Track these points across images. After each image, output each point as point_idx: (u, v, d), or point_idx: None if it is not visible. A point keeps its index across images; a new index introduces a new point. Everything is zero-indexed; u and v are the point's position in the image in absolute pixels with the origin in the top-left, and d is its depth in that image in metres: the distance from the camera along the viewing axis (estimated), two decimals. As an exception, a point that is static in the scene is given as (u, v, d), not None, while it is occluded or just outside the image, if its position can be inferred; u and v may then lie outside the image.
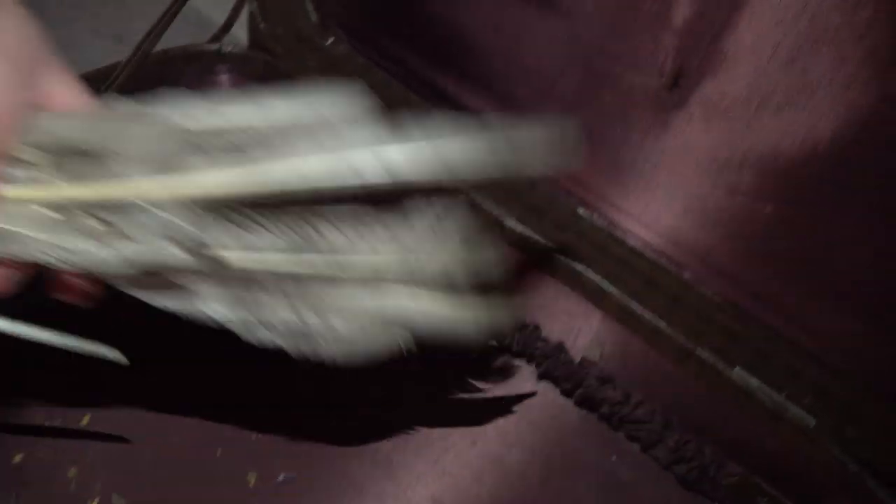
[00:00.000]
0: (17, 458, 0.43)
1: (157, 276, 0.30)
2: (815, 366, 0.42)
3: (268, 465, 0.43)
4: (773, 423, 0.43)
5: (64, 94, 0.31)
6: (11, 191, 0.30)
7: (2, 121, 0.29)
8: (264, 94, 0.29)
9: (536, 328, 0.50)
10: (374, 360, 0.32)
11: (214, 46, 0.52)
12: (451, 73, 0.49)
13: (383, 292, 0.32)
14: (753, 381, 0.43)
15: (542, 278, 0.49)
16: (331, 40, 0.52)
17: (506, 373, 0.49)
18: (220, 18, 0.57)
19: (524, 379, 0.50)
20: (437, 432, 0.46)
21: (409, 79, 0.51)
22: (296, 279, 0.31)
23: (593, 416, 0.48)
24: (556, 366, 0.49)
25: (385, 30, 0.51)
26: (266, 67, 0.52)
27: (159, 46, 0.51)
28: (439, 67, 0.50)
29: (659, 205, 0.44)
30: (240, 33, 0.57)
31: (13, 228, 0.29)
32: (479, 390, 0.48)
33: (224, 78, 0.53)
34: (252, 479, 0.43)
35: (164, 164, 0.29)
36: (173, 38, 0.52)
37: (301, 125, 0.28)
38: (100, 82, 0.47)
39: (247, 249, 0.30)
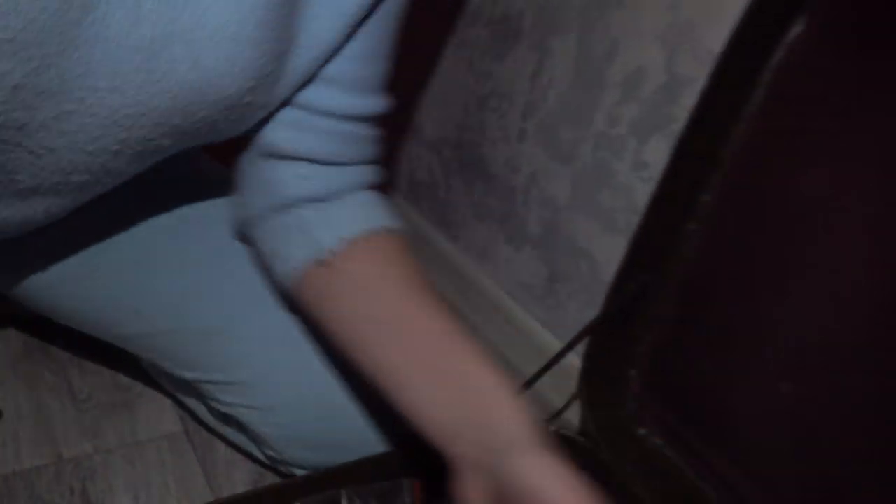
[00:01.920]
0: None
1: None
2: None
3: None
4: None
5: None
6: None
7: None
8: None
9: None
10: None
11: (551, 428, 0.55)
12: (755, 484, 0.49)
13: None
14: None
15: None
16: (643, 432, 0.56)
17: None
18: (558, 402, 0.68)
19: None
20: None
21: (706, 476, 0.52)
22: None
23: None
24: None
25: (694, 427, 0.53)
26: (586, 453, 0.54)
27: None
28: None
29: None
30: (573, 418, 0.64)
31: None
32: None
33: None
34: None
35: None
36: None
37: None
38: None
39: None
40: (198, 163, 0.64)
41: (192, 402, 0.63)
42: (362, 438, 0.54)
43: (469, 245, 0.87)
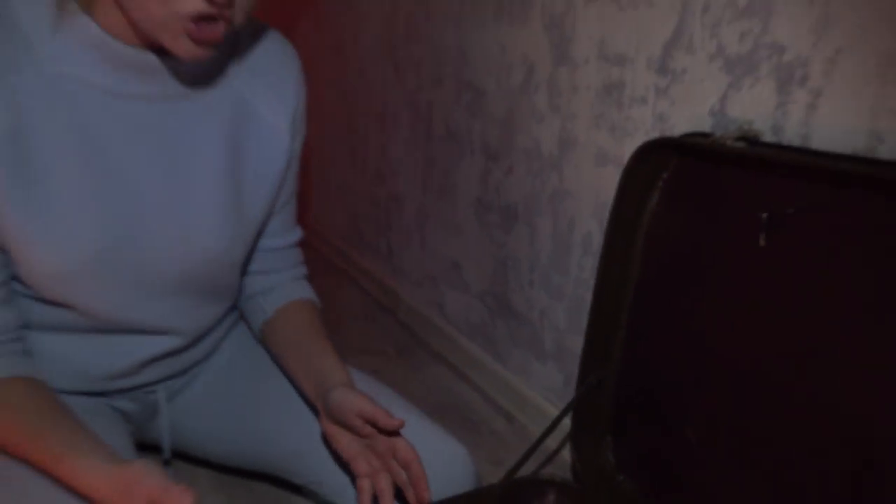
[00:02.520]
0: None
1: None
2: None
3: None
4: None
5: None
6: None
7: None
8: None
9: None
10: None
11: (547, 477, 0.83)
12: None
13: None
14: None
15: None
16: (621, 479, 0.83)
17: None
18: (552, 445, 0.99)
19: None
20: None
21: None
22: None
23: None
24: None
25: (657, 473, 0.80)
26: (576, 494, 0.80)
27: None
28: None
29: None
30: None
31: None
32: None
33: (551, 498, 0.81)
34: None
35: None
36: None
37: None
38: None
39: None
40: None
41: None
42: None
43: (511, 364, 1.17)
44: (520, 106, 1.05)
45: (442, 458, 0.78)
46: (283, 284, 0.88)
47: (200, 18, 0.58)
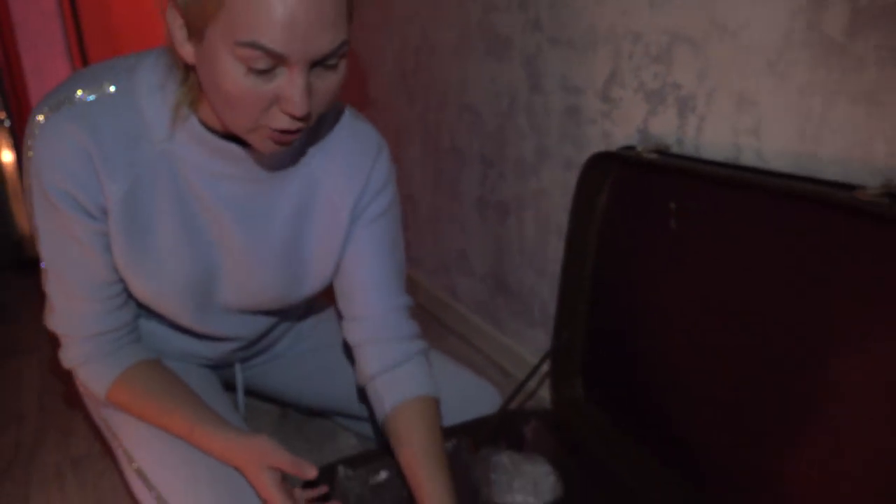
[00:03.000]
0: None
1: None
2: None
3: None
4: None
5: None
6: None
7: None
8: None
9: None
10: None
11: (531, 409, 1.10)
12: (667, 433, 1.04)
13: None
14: None
15: None
16: (590, 406, 1.08)
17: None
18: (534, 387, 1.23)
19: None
20: None
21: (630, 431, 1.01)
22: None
23: None
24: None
25: (619, 403, 1.04)
26: (555, 421, 1.07)
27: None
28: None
29: None
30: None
31: None
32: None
33: (534, 424, 1.06)
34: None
35: None
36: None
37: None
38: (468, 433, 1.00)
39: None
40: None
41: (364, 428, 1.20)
42: None
43: (509, 331, 1.44)
44: (507, 125, 1.32)
45: (479, 393, 1.08)
46: (400, 369, 0.92)
47: (282, 130, 0.70)
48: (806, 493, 0.74)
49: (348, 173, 0.88)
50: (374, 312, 0.93)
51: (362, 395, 1.06)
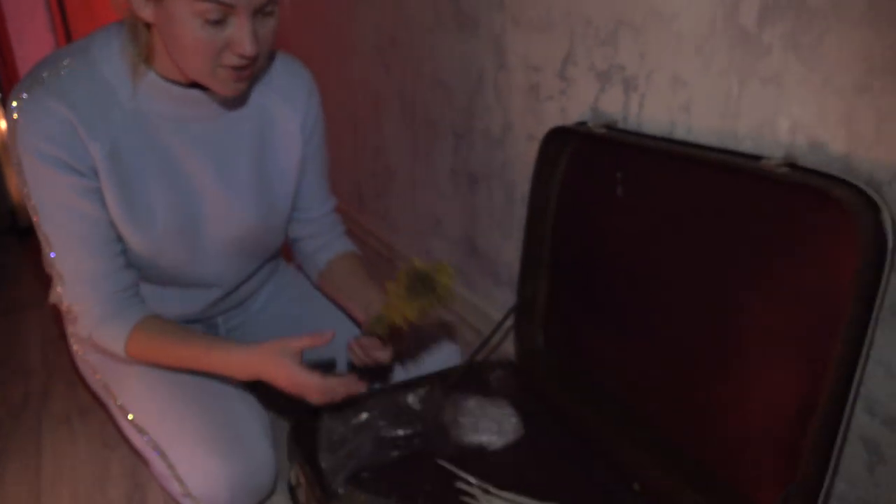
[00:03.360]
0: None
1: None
2: None
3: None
4: None
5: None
6: None
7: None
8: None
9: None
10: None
11: (495, 359, 1.23)
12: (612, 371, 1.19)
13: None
14: None
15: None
16: (550, 355, 1.20)
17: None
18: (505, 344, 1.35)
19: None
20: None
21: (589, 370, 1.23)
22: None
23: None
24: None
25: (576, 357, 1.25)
26: (517, 369, 1.22)
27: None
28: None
29: None
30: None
31: None
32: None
33: (499, 373, 1.21)
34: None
35: None
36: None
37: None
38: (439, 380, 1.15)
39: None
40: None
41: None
42: None
43: (479, 291, 1.56)
44: (476, 99, 1.42)
45: (442, 351, 1.20)
46: (330, 243, 1.19)
47: (236, 67, 0.86)
48: (730, 418, 0.87)
49: (292, 103, 1.06)
50: (314, 215, 1.17)
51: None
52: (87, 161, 0.89)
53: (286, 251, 1.29)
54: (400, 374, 1.20)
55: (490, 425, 1.14)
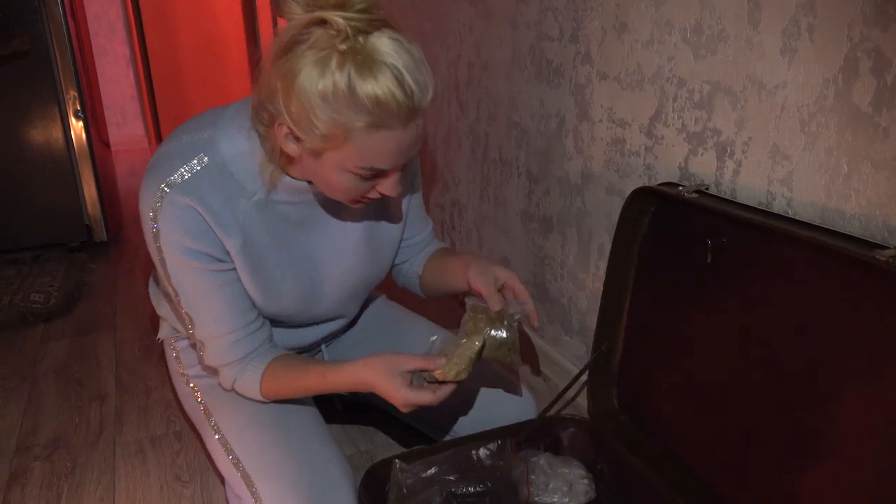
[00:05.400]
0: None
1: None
2: None
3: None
4: None
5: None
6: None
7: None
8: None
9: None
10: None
11: (568, 415, 1.22)
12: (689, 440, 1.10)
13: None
14: None
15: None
16: (623, 417, 1.19)
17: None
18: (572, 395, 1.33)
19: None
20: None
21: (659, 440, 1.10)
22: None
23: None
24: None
25: (647, 415, 1.13)
26: (590, 429, 1.18)
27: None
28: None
29: None
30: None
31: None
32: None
33: (571, 430, 1.18)
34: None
35: None
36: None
37: None
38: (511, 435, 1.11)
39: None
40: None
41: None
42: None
43: (547, 337, 1.54)
44: (555, 145, 1.40)
45: (516, 401, 1.18)
46: (422, 251, 1.21)
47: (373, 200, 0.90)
48: (815, 513, 0.83)
49: None
50: (415, 241, 1.18)
51: None
52: (222, 248, 0.94)
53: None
54: (469, 425, 1.19)
55: (561, 486, 1.12)
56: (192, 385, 1.14)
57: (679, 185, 1.04)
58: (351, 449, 1.31)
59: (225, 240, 0.93)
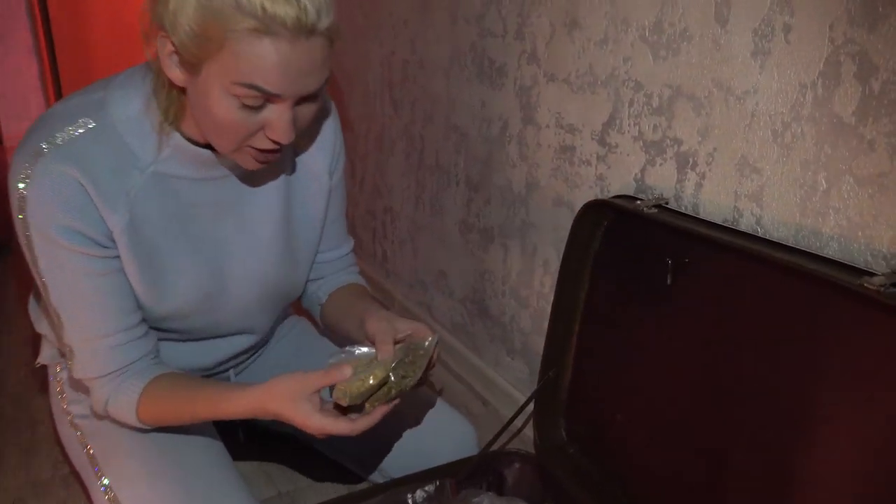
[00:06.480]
0: None
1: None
2: None
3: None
4: None
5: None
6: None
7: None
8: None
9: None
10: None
11: (513, 449, 1.10)
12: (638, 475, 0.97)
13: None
14: None
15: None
16: (573, 450, 1.08)
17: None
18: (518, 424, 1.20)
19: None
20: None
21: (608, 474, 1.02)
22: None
23: None
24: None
25: (598, 446, 1.05)
26: (535, 463, 1.06)
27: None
28: None
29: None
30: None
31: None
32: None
33: (517, 467, 1.07)
34: None
35: None
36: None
37: None
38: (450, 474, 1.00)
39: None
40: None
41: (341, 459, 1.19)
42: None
43: (487, 357, 1.43)
44: (496, 152, 1.29)
45: (453, 432, 1.07)
46: (337, 277, 1.09)
47: (263, 150, 0.77)
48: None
49: (320, 143, 0.97)
50: (331, 257, 1.08)
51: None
52: (104, 229, 0.81)
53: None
54: (401, 461, 1.07)
55: (505, 529, 1.01)
56: (76, 427, 0.97)
57: (636, 199, 0.95)
58: (270, 491, 1.17)
59: (108, 216, 0.80)
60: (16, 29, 3.94)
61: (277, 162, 0.90)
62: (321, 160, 0.98)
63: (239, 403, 0.82)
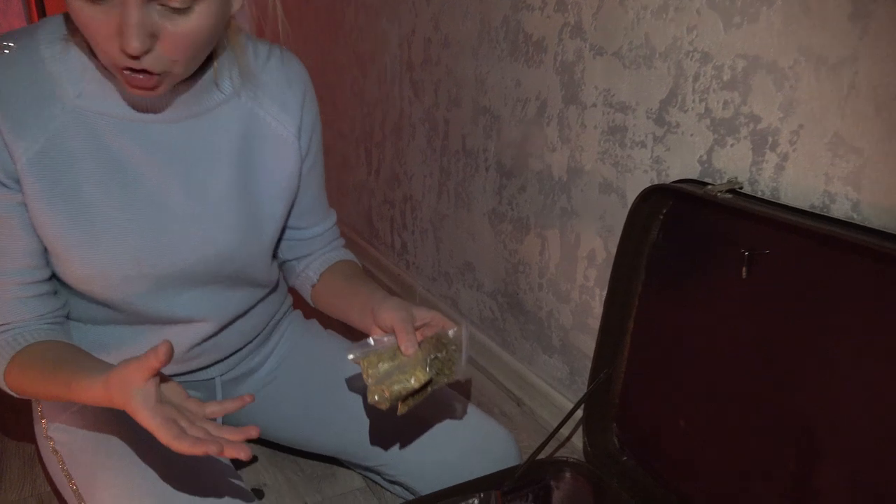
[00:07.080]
0: None
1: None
2: None
3: None
4: None
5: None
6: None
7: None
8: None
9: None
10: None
11: (563, 458, 1.00)
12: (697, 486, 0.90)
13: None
14: None
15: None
16: (624, 459, 1.00)
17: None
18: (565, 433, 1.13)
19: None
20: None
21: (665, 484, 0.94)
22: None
23: None
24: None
25: (654, 453, 0.96)
26: (588, 472, 0.97)
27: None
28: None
29: None
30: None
31: None
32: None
33: (567, 476, 0.98)
34: None
35: None
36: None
37: None
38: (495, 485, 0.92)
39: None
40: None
41: (370, 475, 1.10)
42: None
43: (520, 354, 1.34)
44: (534, 133, 1.20)
45: (492, 441, 0.98)
46: (325, 254, 1.02)
47: (128, 69, 0.67)
48: None
49: (284, 105, 0.89)
50: (314, 233, 1.01)
51: (360, 438, 1.01)
52: (9, 167, 0.74)
53: (299, 301, 1.07)
54: (447, 475, 0.98)
55: (557, 545, 0.92)
56: (57, 454, 0.87)
57: (704, 183, 0.86)
58: (296, 502, 1.08)
59: (14, 146, 0.72)
60: (10, 15, 3.84)
61: (230, 115, 0.83)
62: (286, 122, 0.89)
63: (89, 392, 0.70)
